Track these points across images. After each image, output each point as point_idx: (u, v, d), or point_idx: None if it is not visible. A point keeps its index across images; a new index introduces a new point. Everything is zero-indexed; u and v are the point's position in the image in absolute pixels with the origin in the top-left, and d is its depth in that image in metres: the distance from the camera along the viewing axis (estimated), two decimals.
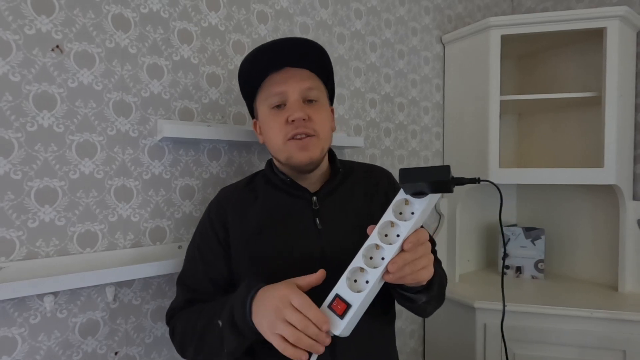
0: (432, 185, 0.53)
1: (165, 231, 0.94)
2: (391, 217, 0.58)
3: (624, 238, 1.37)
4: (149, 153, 0.91)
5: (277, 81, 0.72)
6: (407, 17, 1.47)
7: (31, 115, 0.77)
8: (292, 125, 0.69)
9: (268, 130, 0.73)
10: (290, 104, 0.70)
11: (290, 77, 0.72)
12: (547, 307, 1.24)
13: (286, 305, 0.54)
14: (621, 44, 1.30)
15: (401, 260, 0.55)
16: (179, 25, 0.95)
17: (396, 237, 0.56)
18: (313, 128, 0.70)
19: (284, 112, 0.71)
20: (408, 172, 0.54)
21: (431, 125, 1.57)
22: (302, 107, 0.70)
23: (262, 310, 0.56)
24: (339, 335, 0.55)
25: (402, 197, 0.58)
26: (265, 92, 0.73)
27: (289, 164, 0.72)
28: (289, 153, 0.71)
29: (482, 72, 1.41)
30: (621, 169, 1.34)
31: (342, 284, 0.57)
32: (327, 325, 0.53)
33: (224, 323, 0.61)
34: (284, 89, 0.71)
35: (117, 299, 0.87)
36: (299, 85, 0.71)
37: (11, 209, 0.75)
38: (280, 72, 0.72)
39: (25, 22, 0.76)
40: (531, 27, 1.34)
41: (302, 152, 0.70)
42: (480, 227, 1.72)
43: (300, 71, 0.73)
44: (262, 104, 0.74)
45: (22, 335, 0.77)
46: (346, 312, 0.54)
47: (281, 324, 0.53)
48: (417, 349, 1.56)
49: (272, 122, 0.72)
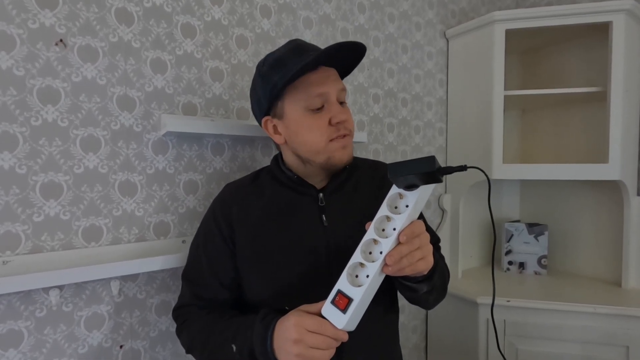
0: (420, 176, 0.54)
1: (169, 226, 0.94)
2: (386, 211, 0.59)
3: (627, 234, 1.36)
4: (153, 148, 0.91)
5: (316, 82, 0.68)
6: (411, 11, 1.46)
7: (35, 110, 0.77)
8: (335, 128, 0.69)
9: (304, 131, 0.69)
10: (332, 105, 0.69)
11: (327, 78, 0.69)
12: (551, 303, 1.24)
13: (304, 333, 0.56)
14: (627, 39, 1.29)
15: (397, 252, 0.56)
16: (182, 19, 0.95)
17: (392, 231, 0.57)
18: (349, 129, 0.71)
19: (324, 114, 0.69)
20: (395, 167, 0.55)
21: (434, 120, 1.57)
22: (342, 109, 0.70)
23: (284, 346, 0.58)
24: (343, 329, 0.56)
25: (395, 191, 0.59)
26: (302, 92, 0.68)
27: (328, 163, 0.71)
28: (331, 153, 0.70)
29: (486, 67, 1.41)
30: (626, 164, 1.33)
31: (343, 280, 0.58)
32: (346, 336, 0.58)
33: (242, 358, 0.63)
34: (325, 90, 0.68)
35: (121, 293, 0.87)
36: (336, 86, 0.70)
37: (16, 203, 0.76)
38: (318, 72, 0.68)
39: (28, 16, 0.76)
40: (536, 22, 1.33)
41: (344, 150, 0.71)
42: (483, 223, 1.72)
43: (333, 71, 0.71)
44: (295, 104, 0.69)
45: (28, 328, 0.77)
46: (348, 306, 0.56)
47: (307, 351, 0.56)
48: (420, 344, 1.56)
49: (312, 124, 0.69)
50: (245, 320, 0.66)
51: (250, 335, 0.62)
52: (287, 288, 0.69)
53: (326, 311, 0.58)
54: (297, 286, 0.69)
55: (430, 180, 0.55)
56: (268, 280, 0.70)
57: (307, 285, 0.69)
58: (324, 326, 0.57)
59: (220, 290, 0.74)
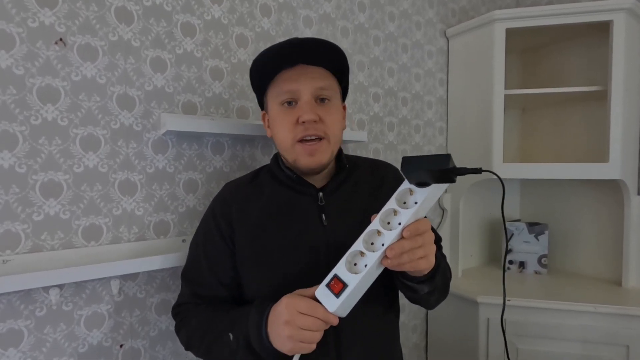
0: (433, 174, 0.53)
1: (169, 225, 0.94)
2: (394, 205, 0.58)
3: (628, 233, 1.36)
4: (153, 147, 0.91)
5: (289, 78, 0.69)
6: (411, 10, 1.46)
7: (35, 109, 0.77)
8: (302, 127, 0.68)
9: (277, 127, 0.72)
10: (302, 103, 0.68)
11: (303, 75, 0.69)
12: (551, 302, 1.24)
13: (295, 314, 0.57)
14: (628, 38, 1.29)
15: (399, 247, 0.55)
16: (181, 18, 0.95)
17: (397, 225, 0.57)
18: (324, 130, 0.69)
19: (294, 111, 0.69)
20: (410, 160, 0.55)
21: (434, 119, 1.56)
22: (313, 108, 0.68)
23: (277, 330, 0.58)
24: (335, 313, 0.57)
25: (406, 186, 0.59)
26: (276, 88, 0.71)
27: (296, 165, 0.72)
28: (296, 156, 0.70)
29: (486, 66, 1.40)
30: (626, 163, 1.33)
31: (341, 266, 0.59)
32: (336, 320, 0.57)
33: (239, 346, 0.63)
34: (296, 87, 0.68)
35: (121, 292, 0.87)
36: (312, 84, 0.69)
37: (16, 202, 0.76)
38: (294, 69, 0.69)
39: (28, 15, 0.76)
40: (537, 20, 1.33)
41: (310, 157, 0.69)
42: (484, 222, 1.72)
43: (313, 69, 0.70)
44: (272, 100, 0.72)
45: (28, 327, 0.77)
46: (342, 291, 0.56)
47: (298, 332, 0.56)
48: (420, 343, 1.56)
49: (282, 120, 0.70)
50: (242, 310, 0.66)
51: (245, 322, 0.62)
52: (286, 287, 0.69)
53: (320, 293, 0.58)
54: (296, 285, 0.69)
55: (443, 180, 0.54)
56: (267, 280, 0.70)
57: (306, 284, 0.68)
58: (315, 308, 0.57)
59: (219, 289, 0.74)
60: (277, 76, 0.71)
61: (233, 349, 0.64)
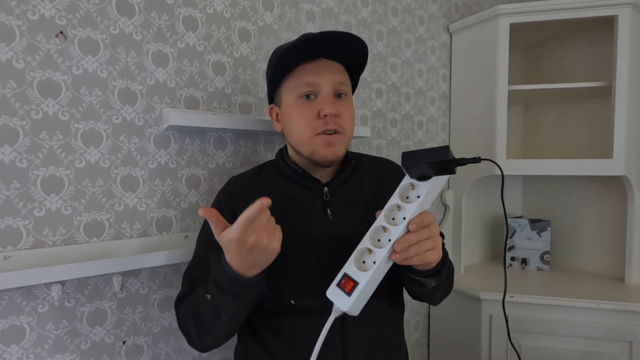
0: (433, 166, 0.54)
1: (171, 221, 0.93)
2: (397, 200, 0.59)
3: (631, 229, 1.36)
4: (155, 142, 0.90)
5: (309, 71, 0.69)
6: (414, 5, 1.45)
7: (36, 103, 0.76)
8: (323, 121, 0.68)
9: (292, 121, 0.70)
10: (323, 97, 0.68)
11: (324, 69, 0.69)
12: (554, 299, 1.24)
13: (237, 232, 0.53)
14: (633, 33, 1.27)
15: (406, 240, 0.55)
16: (183, 11, 0.93)
17: (402, 220, 0.57)
18: (341, 125, 0.69)
19: (314, 105, 0.68)
20: (409, 155, 0.55)
21: (437, 115, 1.55)
22: (334, 102, 0.68)
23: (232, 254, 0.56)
24: (347, 312, 0.56)
25: (407, 181, 0.59)
26: (295, 81, 0.70)
27: (312, 158, 0.70)
28: (315, 148, 0.69)
29: (489, 62, 1.39)
30: (630, 159, 1.32)
31: (350, 264, 0.59)
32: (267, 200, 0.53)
33: (213, 294, 0.61)
34: (317, 80, 0.68)
35: (124, 289, 0.87)
36: (332, 78, 0.69)
37: (17, 198, 0.75)
38: (315, 63, 0.69)
39: (28, 7, 0.75)
40: (541, 15, 1.32)
41: (329, 148, 0.68)
42: (486, 218, 1.71)
43: (333, 64, 0.70)
44: (289, 92, 0.71)
45: (31, 324, 0.77)
46: (354, 289, 0.56)
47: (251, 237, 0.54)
48: (422, 340, 1.56)
49: (299, 113, 0.69)
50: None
51: (211, 275, 0.61)
52: (291, 281, 0.69)
53: (331, 293, 0.58)
54: (301, 279, 0.69)
55: (443, 171, 0.55)
56: (272, 274, 0.69)
57: (311, 278, 0.68)
58: (247, 214, 0.53)
59: None
60: (296, 69, 0.70)
61: (213, 304, 0.62)
